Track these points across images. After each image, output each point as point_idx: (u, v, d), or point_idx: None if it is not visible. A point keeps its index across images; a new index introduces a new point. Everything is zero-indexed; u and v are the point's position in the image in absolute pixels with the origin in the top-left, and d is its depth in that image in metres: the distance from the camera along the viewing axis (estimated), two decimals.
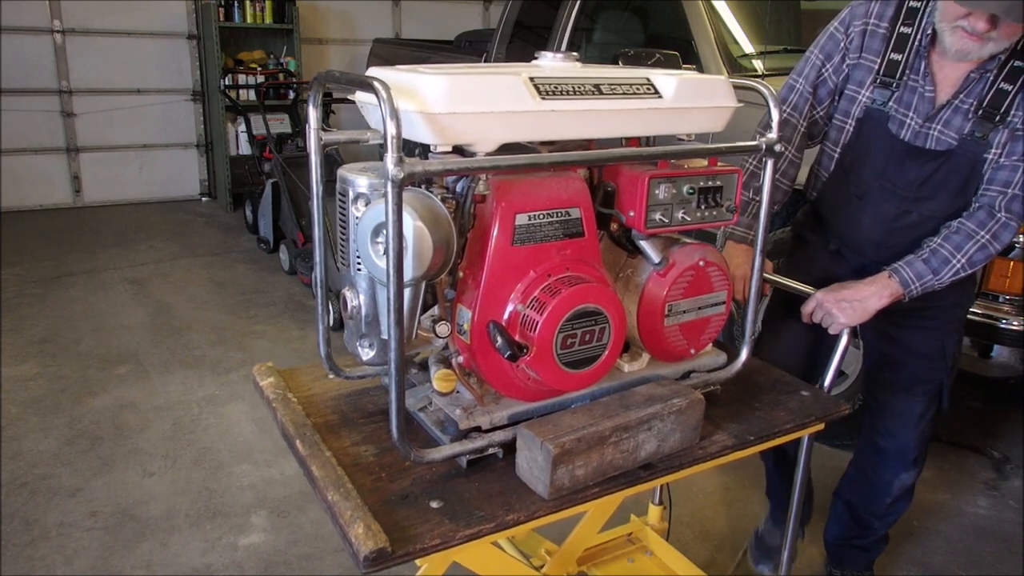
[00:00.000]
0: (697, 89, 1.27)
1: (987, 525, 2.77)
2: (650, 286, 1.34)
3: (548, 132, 1.19)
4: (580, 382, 1.23)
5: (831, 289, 1.70)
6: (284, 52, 6.95)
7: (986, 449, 3.26)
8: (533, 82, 1.13)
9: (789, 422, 1.42)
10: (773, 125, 1.30)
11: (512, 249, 1.18)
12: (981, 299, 2.69)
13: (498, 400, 1.27)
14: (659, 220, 1.28)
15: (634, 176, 1.26)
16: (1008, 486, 3.03)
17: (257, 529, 2.60)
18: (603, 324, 1.20)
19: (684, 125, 1.30)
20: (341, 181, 1.23)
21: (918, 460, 2.07)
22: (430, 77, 1.06)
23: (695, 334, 1.39)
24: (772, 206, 1.52)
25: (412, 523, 1.10)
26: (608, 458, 1.19)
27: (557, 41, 4.20)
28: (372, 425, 1.34)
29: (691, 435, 1.29)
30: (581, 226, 1.23)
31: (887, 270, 1.69)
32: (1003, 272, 2.67)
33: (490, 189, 1.17)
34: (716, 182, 1.31)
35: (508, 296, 1.19)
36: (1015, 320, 2.64)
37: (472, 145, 1.11)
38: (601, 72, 1.24)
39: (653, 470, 1.25)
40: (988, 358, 2.77)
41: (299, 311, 4.54)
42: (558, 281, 1.19)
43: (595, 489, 1.19)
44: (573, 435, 1.15)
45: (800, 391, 1.54)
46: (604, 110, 1.18)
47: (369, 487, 1.17)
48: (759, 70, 3.40)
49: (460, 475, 1.22)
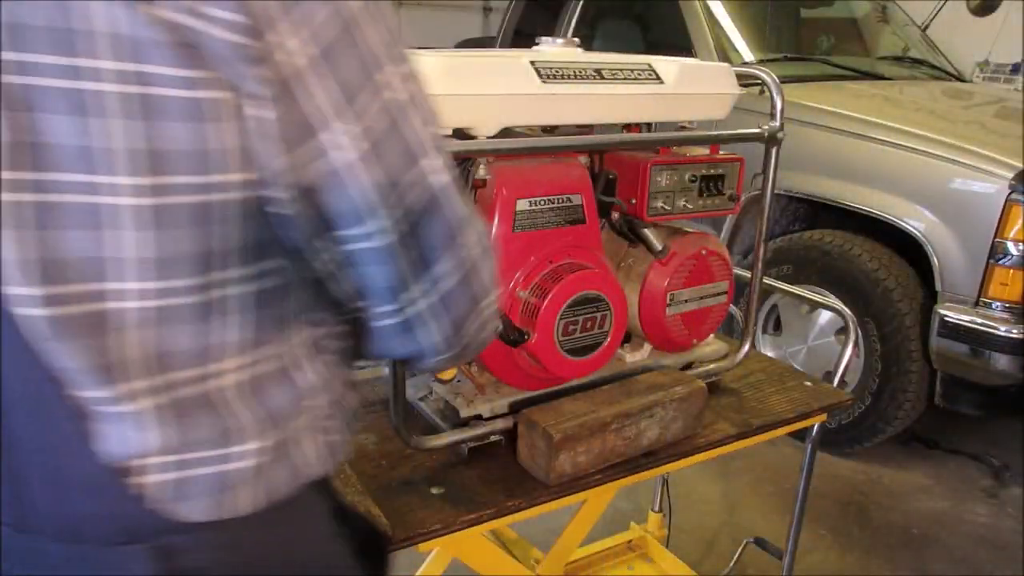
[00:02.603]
0: (699, 75, 1.27)
1: (986, 533, 2.75)
2: (651, 275, 1.34)
3: (549, 116, 1.19)
4: (582, 369, 1.23)
5: None
6: None
7: (985, 457, 3.25)
8: (534, 66, 1.13)
9: (792, 412, 1.41)
10: (776, 113, 1.30)
11: (513, 235, 1.17)
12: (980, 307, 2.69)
13: (499, 388, 1.26)
14: (661, 208, 1.27)
15: (635, 163, 1.26)
16: (1007, 494, 3.02)
17: None
18: (605, 311, 1.20)
19: (686, 111, 1.30)
20: None
21: None
22: (429, 59, 1.06)
23: (697, 324, 1.39)
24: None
25: (413, 509, 1.09)
26: (610, 445, 1.18)
27: None
28: (373, 414, 1.33)
29: (693, 423, 1.28)
30: (582, 212, 1.23)
31: None
32: (1002, 280, 2.67)
33: (490, 174, 1.17)
34: (718, 170, 1.31)
35: (509, 282, 1.18)
36: (1015, 328, 2.63)
37: (472, 129, 1.11)
38: (602, 57, 1.24)
39: (655, 457, 1.24)
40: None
41: None
42: (559, 267, 1.18)
43: (597, 476, 1.18)
44: (575, 421, 1.14)
45: (803, 382, 1.53)
46: (605, 94, 1.18)
47: (370, 474, 1.16)
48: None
49: (461, 463, 1.21)
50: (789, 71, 3.58)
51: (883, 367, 2.91)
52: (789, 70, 3.61)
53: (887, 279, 2.86)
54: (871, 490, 2.95)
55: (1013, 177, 2.56)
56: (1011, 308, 2.66)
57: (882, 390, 2.92)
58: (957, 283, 2.71)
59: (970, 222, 2.67)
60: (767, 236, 1.39)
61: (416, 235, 0.66)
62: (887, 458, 3.17)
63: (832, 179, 3.02)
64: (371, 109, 0.62)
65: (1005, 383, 2.76)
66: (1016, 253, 2.60)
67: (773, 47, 3.74)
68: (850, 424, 3.04)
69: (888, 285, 2.85)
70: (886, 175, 2.88)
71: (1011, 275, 2.63)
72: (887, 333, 2.87)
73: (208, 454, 0.64)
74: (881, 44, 4.26)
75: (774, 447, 3.12)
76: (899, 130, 2.89)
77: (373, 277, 0.68)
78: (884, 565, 2.46)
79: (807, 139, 3.06)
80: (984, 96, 3.82)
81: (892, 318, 2.85)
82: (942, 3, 4.67)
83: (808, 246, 3.10)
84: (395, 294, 0.68)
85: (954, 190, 2.71)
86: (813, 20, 4.27)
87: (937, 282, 2.75)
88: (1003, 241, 2.60)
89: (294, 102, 0.59)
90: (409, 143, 0.65)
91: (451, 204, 0.68)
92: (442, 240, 0.68)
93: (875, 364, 2.93)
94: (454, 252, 0.69)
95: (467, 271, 0.70)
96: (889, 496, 2.92)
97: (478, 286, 0.72)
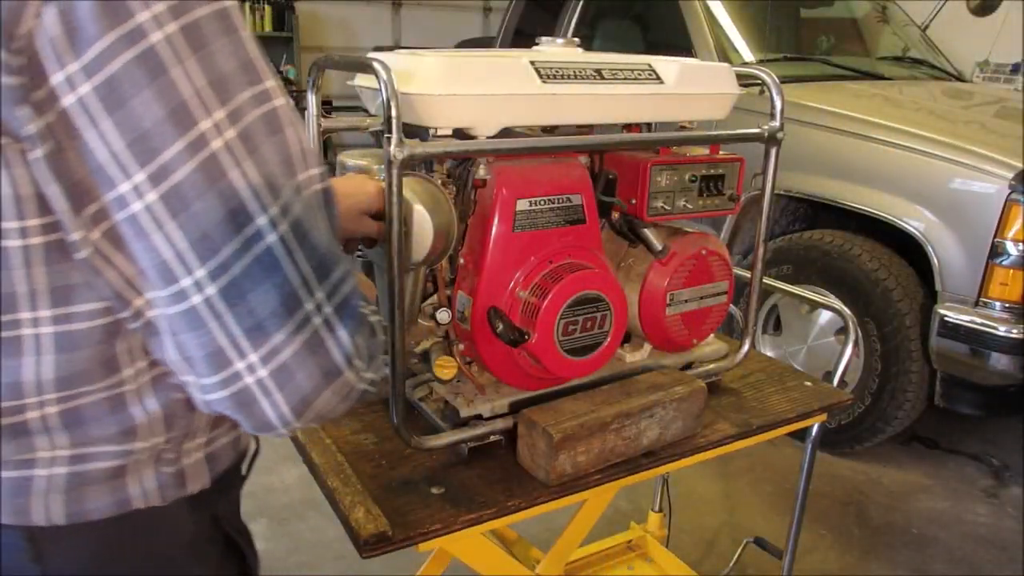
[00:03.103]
0: (699, 75, 1.27)
1: (986, 533, 2.76)
2: (651, 275, 1.33)
3: (549, 116, 1.19)
4: (582, 369, 1.23)
5: None
6: (284, 60, 6.97)
7: (985, 457, 3.25)
8: (534, 65, 1.13)
9: (792, 412, 1.41)
10: (776, 113, 1.30)
11: (513, 235, 1.17)
12: (979, 307, 2.69)
13: (499, 388, 1.26)
14: (661, 208, 1.27)
15: (635, 163, 1.26)
16: (1007, 494, 3.02)
17: (257, 537, 2.53)
18: (605, 311, 1.20)
19: (686, 111, 1.30)
20: (340, 166, 1.22)
21: None
22: (430, 59, 1.06)
23: (697, 324, 1.38)
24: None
25: (413, 508, 1.09)
26: (610, 445, 1.18)
27: None
28: (372, 414, 1.33)
29: (693, 423, 1.28)
30: (582, 212, 1.23)
31: None
32: (1002, 280, 2.67)
33: (490, 174, 1.17)
34: (718, 170, 1.31)
35: (509, 282, 1.18)
36: (1015, 328, 2.63)
37: (472, 129, 1.11)
38: (602, 57, 1.24)
39: (655, 458, 1.24)
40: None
41: None
42: (559, 267, 1.18)
43: (597, 476, 1.18)
44: (575, 421, 1.14)
45: (803, 382, 1.53)
46: (605, 94, 1.18)
47: (369, 474, 1.16)
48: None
49: (461, 463, 1.20)
50: (789, 71, 3.58)
51: (883, 367, 2.91)
52: (789, 70, 3.61)
53: (887, 279, 2.86)
54: (871, 490, 2.96)
55: (1013, 177, 2.56)
56: (1011, 308, 2.66)
57: (882, 390, 2.93)
58: (957, 283, 2.72)
59: (970, 222, 2.67)
60: (767, 236, 1.39)
61: (241, 298, 0.59)
62: (887, 458, 3.17)
63: (832, 179, 3.02)
64: (176, 158, 0.56)
65: (1005, 383, 2.76)
66: (1016, 253, 2.60)
67: (773, 47, 3.74)
68: (850, 424, 3.04)
69: (888, 285, 2.85)
70: (886, 175, 2.88)
71: (1011, 275, 2.63)
72: (887, 333, 2.87)
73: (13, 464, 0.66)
74: (881, 44, 4.26)
75: (774, 447, 3.12)
76: (899, 130, 2.89)
77: (187, 345, 0.61)
78: (884, 565, 2.46)
79: (807, 139, 3.06)
80: (984, 96, 3.82)
81: (892, 318, 2.85)
82: (942, 3, 4.67)
83: (808, 246, 3.10)
84: (217, 366, 0.61)
85: (954, 190, 2.71)
86: (813, 20, 4.27)
87: (937, 282, 2.75)
88: (1003, 241, 2.60)
89: (78, 150, 0.56)
90: (227, 193, 0.57)
91: (291, 261, 0.60)
92: (275, 305, 0.60)
93: (875, 364, 2.93)
94: (294, 318, 0.61)
95: (310, 339, 0.62)
96: (889, 496, 2.92)
97: (330, 356, 0.64)
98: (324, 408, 0.65)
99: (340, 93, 6.78)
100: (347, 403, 0.68)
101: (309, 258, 0.61)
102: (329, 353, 0.63)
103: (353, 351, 0.65)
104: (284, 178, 0.60)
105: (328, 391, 0.64)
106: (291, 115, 0.62)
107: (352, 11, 7.56)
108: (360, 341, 0.66)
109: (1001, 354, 2.68)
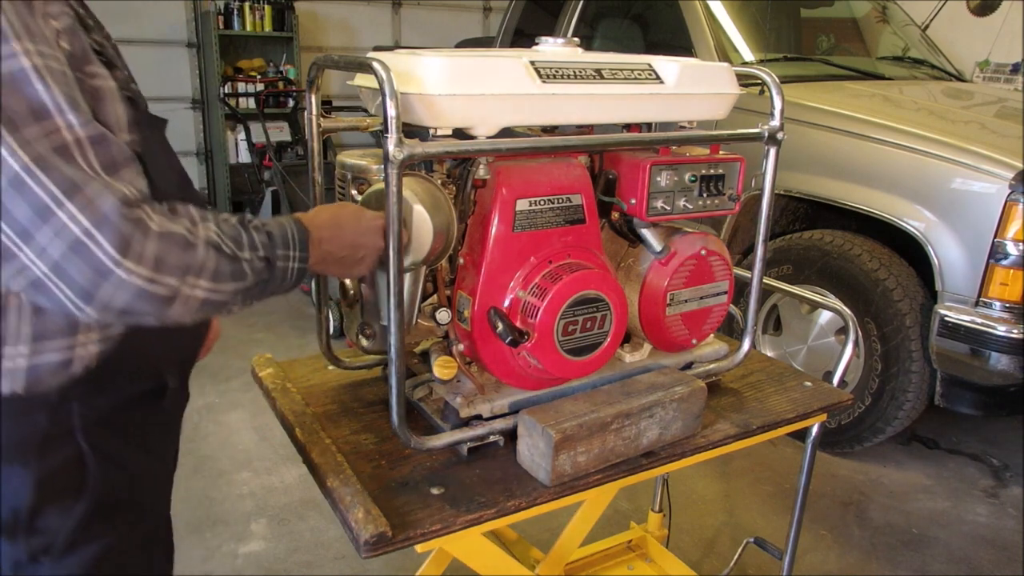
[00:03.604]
0: (699, 75, 1.27)
1: (987, 533, 2.75)
2: (651, 275, 1.33)
3: (548, 116, 1.19)
4: (581, 369, 1.23)
5: None
6: (284, 60, 6.96)
7: (985, 457, 3.25)
8: (534, 65, 1.13)
9: (792, 412, 1.41)
10: (776, 113, 1.30)
11: (513, 235, 1.17)
12: (980, 307, 2.69)
13: (499, 388, 1.26)
14: (661, 208, 1.27)
15: (635, 163, 1.26)
16: (1008, 494, 3.01)
17: (257, 537, 2.57)
18: (604, 311, 1.20)
19: (686, 111, 1.30)
20: (340, 166, 1.22)
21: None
22: (429, 59, 1.06)
23: (697, 324, 1.38)
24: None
25: (412, 508, 1.09)
26: (610, 445, 1.18)
27: None
28: (372, 414, 1.33)
29: (693, 423, 1.28)
30: (582, 213, 1.23)
31: None
32: (1002, 280, 2.66)
33: (491, 174, 1.17)
34: (718, 170, 1.31)
35: (509, 282, 1.18)
36: (1015, 328, 2.63)
37: (472, 128, 1.11)
38: (602, 57, 1.24)
39: (655, 458, 1.24)
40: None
41: (299, 319, 4.52)
42: (559, 267, 1.18)
43: (596, 476, 1.18)
44: (575, 421, 1.14)
45: (803, 382, 1.53)
46: (605, 94, 1.18)
47: (369, 474, 1.16)
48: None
49: (461, 463, 1.20)
50: (789, 71, 3.58)
51: (883, 367, 2.91)
52: (789, 70, 3.61)
53: (887, 279, 2.86)
54: (871, 490, 2.95)
55: (1013, 177, 2.56)
56: (1011, 308, 2.65)
57: (882, 390, 2.92)
58: (957, 283, 2.71)
59: (970, 222, 2.67)
60: (767, 236, 1.39)
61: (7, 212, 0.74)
62: (887, 458, 3.17)
63: (832, 179, 3.02)
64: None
65: (1005, 383, 2.76)
66: (1016, 253, 2.60)
67: (773, 47, 3.73)
68: (850, 424, 3.04)
69: (888, 285, 2.85)
70: (886, 175, 2.88)
71: (1011, 275, 2.63)
72: (887, 333, 2.87)
73: None
74: (881, 44, 4.25)
75: (774, 447, 3.12)
76: (899, 130, 2.89)
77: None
78: (884, 565, 2.45)
79: (807, 139, 3.06)
80: (984, 96, 3.82)
81: (892, 318, 2.84)
82: (942, 3, 4.67)
83: (808, 246, 3.10)
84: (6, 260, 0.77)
85: (954, 190, 2.71)
86: (813, 20, 4.27)
87: (937, 282, 2.74)
88: (1003, 241, 2.59)
89: None
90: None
91: (33, 186, 0.74)
92: (31, 215, 0.74)
93: (875, 364, 2.93)
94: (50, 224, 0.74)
95: (73, 243, 0.75)
96: (889, 496, 2.92)
97: (96, 256, 0.75)
98: (119, 302, 0.77)
99: (340, 93, 6.79)
100: (160, 304, 0.80)
101: (62, 178, 0.75)
102: (94, 254, 0.75)
103: (120, 255, 0.76)
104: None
105: (108, 285, 0.76)
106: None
107: (352, 11, 7.55)
108: (145, 248, 0.77)
109: (1001, 354, 2.68)
